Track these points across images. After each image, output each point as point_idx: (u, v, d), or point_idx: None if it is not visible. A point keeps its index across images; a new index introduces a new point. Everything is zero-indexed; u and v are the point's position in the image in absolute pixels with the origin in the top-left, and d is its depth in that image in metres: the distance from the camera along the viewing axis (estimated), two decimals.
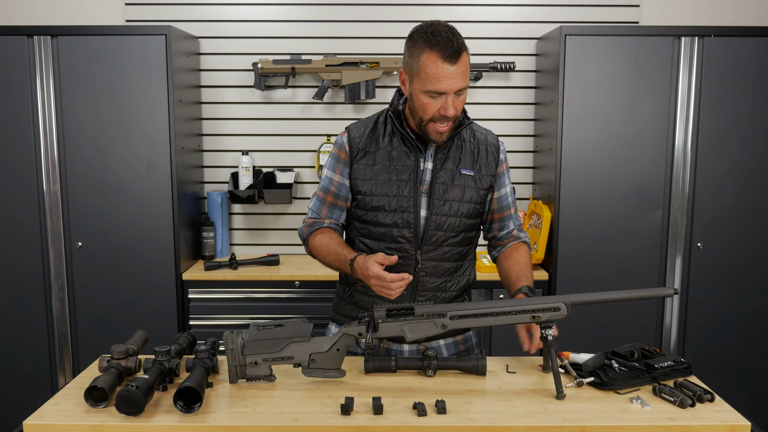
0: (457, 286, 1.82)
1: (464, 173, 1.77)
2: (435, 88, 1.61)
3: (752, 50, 2.83)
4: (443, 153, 1.76)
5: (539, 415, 1.42)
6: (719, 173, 2.91)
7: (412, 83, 1.67)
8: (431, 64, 1.60)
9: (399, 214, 1.73)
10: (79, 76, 2.82)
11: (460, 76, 1.61)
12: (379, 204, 1.74)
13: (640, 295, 1.63)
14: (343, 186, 1.80)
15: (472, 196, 1.77)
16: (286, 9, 3.23)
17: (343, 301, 1.88)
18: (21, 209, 2.88)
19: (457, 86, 1.62)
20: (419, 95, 1.65)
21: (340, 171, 1.80)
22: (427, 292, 1.77)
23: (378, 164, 1.75)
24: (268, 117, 3.28)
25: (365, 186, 1.76)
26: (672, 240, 2.94)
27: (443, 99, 1.63)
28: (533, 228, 3.10)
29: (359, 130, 1.81)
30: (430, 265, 1.76)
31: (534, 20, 3.24)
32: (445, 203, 1.74)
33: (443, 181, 1.75)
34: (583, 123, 2.88)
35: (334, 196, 1.82)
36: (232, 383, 1.58)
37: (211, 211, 3.20)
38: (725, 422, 1.40)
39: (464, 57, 1.62)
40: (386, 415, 1.42)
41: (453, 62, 1.59)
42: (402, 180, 1.74)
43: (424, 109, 1.65)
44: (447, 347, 1.84)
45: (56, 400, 1.50)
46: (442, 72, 1.59)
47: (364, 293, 1.80)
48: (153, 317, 2.91)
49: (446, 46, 1.59)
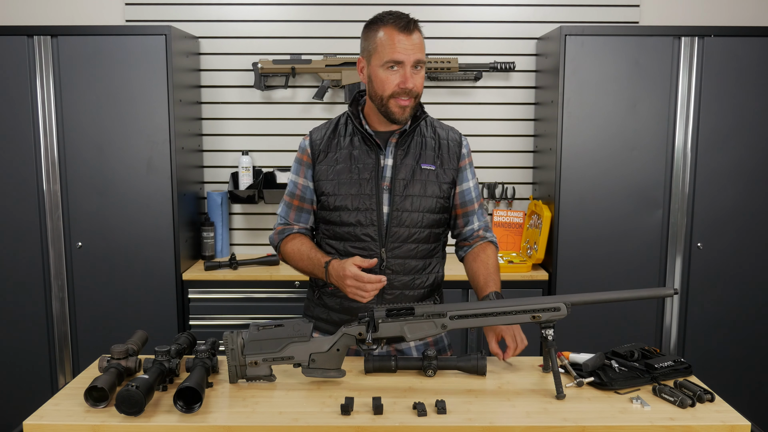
0: (426, 284, 1.82)
1: (425, 168, 1.78)
2: (392, 57, 1.66)
3: (752, 50, 2.83)
4: (403, 149, 1.78)
5: (539, 415, 1.42)
6: (719, 173, 2.91)
7: (370, 64, 1.72)
8: (387, 36, 1.67)
9: (362, 213, 1.75)
10: (79, 76, 2.82)
11: (417, 48, 1.68)
12: (342, 203, 1.76)
13: (640, 295, 1.62)
14: (307, 189, 1.83)
15: (434, 191, 1.78)
16: (286, 9, 3.23)
17: (312, 303, 1.89)
18: (21, 209, 2.88)
19: (414, 57, 1.67)
20: (378, 72, 1.69)
21: (304, 174, 1.83)
22: (394, 290, 1.78)
23: (340, 164, 1.78)
24: (268, 117, 3.28)
25: (327, 186, 1.77)
26: (672, 240, 2.94)
27: (402, 71, 1.67)
28: (533, 228, 3.10)
29: (320, 133, 1.84)
30: (396, 263, 1.76)
31: (534, 20, 3.24)
32: (406, 199, 1.75)
33: (403, 177, 1.76)
34: (583, 123, 2.88)
35: (300, 199, 1.85)
36: (232, 383, 1.58)
37: (211, 211, 3.20)
38: (725, 422, 1.40)
39: (418, 33, 1.70)
40: (386, 415, 1.42)
41: (408, 33, 1.67)
42: (363, 178, 1.75)
43: (383, 85, 1.69)
44: (417, 348, 1.84)
45: (56, 400, 1.50)
46: (398, 41, 1.66)
47: (333, 295, 1.81)
48: (153, 317, 2.91)
49: (399, 18, 1.68)
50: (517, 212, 3.28)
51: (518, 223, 3.28)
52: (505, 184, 3.30)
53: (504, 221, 3.29)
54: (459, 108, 3.28)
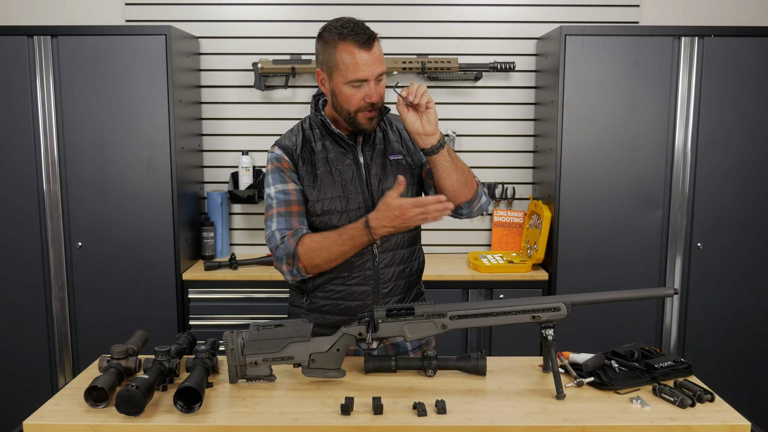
0: (413, 270, 1.85)
1: (392, 159, 1.80)
2: (356, 77, 1.65)
3: (752, 50, 2.83)
4: (369, 146, 1.79)
5: (539, 415, 1.42)
6: (719, 173, 2.91)
7: (332, 79, 1.70)
8: (348, 55, 1.64)
9: (351, 213, 1.75)
10: (79, 76, 2.82)
11: (377, 62, 1.67)
12: (329, 207, 1.75)
13: (640, 295, 1.63)
14: (299, 191, 1.77)
15: (406, 179, 1.78)
16: (286, 9, 3.23)
17: (302, 311, 1.85)
18: (21, 209, 2.88)
19: (376, 72, 1.67)
20: (342, 88, 1.68)
21: (291, 179, 1.77)
22: (388, 283, 1.79)
23: (319, 169, 1.77)
24: (268, 117, 3.28)
25: (312, 193, 1.76)
26: (672, 240, 2.94)
27: (366, 87, 1.67)
28: (533, 228, 3.10)
29: (290, 140, 1.81)
30: (387, 256, 1.78)
31: (534, 20, 3.24)
32: (382, 193, 1.75)
33: (376, 173, 1.77)
34: (583, 123, 2.88)
35: (298, 203, 1.76)
36: (232, 383, 1.58)
37: (211, 211, 3.20)
38: (725, 422, 1.40)
39: (377, 44, 1.68)
40: (386, 415, 1.42)
41: (368, 49, 1.65)
42: (346, 179, 1.76)
43: (349, 101, 1.68)
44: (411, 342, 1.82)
45: (56, 400, 1.50)
46: (360, 60, 1.64)
47: (326, 297, 1.79)
48: (153, 317, 2.91)
49: (358, 34, 1.65)
50: (517, 212, 3.28)
51: (518, 223, 3.28)
52: (505, 184, 3.30)
53: (504, 221, 3.29)
54: (459, 108, 3.28)
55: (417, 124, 1.64)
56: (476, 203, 1.78)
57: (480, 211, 1.82)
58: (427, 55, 3.16)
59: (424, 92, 1.62)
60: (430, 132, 1.63)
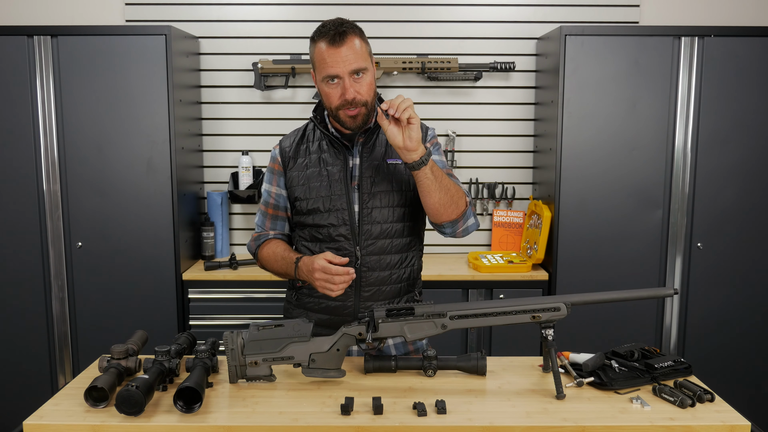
0: (402, 278, 1.81)
1: (391, 162, 1.79)
2: (327, 73, 1.67)
3: (752, 50, 2.83)
4: (368, 147, 1.79)
5: (539, 415, 1.42)
6: (719, 173, 2.91)
7: (316, 78, 1.73)
8: (319, 52, 1.68)
9: (334, 213, 1.76)
10: (79, 76, 2.82)
11: (351, 57, 1.65)
12: (314, 206, 1.77)
13: (640, 295, 1.62)
14: (280, 197, 1.86)
15: (402, 184, 1.78)
16: (286, 9, 3.23)
17: (291, 305, 1.90)
18: (21, 209, 2.88)
19: (348, 67, 1.65)
20: (322, 86, 1.71)
21: (276, 182, 1.86)
22: (371, 287, 1.78)
23: (310, 168, 1.79)
24: (268, 117, 3.28)
25: (299, 191, 1.79)
26: (672, 240, 2.94)
27: (341, 83, 1.67)
28: (533, 228, 3.10)
29: (289, 141, 1.87)
30: (372, 260, 1.77)
31: (534, 20, 3.24)
32: (374, 195, 1.76)
33: (370, 175, 1.77)
34: (583, 123, 2.88)
35: (274, 207, 1.88)
36: (232, 383, 1.58)
37: (211, 211, 3.20)
38: (725, 422, 1.40)
39: (351, 39, 1.66)
40: (386, 415, 1.42)
41: (338, 44, 1.65)
42: (333, 179, 1.77)
43: (329, 99, 1.70)
44: (396, 347, 1.84)
45: (56, 400, 1.50)
46: (329, 56, 1.65)
47: (310, 295, 1.82)
48: (153, 317, 2.91)
49: (329, 32, 1.66)
50: (517, 212, 3.28)
51: (518, 223, 3.28)
52: (505, 184, 3.30)
53: (504, 221, 3.29)
54: (459, 108, 3.28)
55: (398, 138, 1.60)
56: (461, 224, 1.75)
57: (465, 233, 1.78)
58: (427, 55, 3.16)
59: (408, 107, 1.57)
60: (411, 147, 1.59)
